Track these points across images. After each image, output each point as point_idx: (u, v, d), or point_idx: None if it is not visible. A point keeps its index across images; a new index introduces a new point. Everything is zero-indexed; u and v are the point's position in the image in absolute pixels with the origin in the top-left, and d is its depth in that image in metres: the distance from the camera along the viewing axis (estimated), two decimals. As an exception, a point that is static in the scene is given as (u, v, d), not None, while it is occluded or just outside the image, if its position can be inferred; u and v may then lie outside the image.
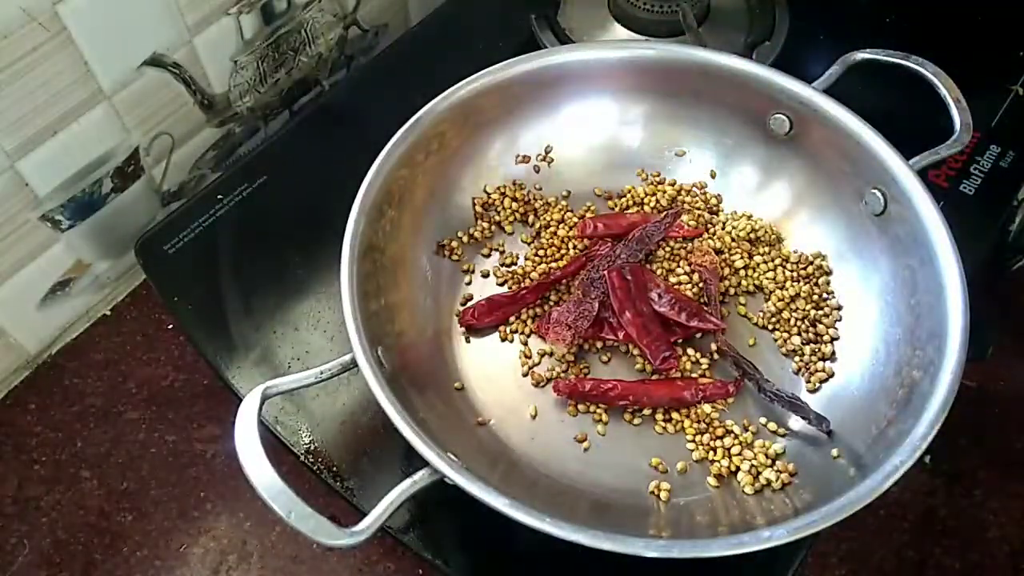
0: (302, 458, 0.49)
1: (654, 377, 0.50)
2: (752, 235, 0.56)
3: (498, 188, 0.57)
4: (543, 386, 0.51)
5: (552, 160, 0.58)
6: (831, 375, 0.50)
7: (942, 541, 0.49)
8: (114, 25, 0.51)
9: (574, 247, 0.56)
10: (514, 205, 0.57)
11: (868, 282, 0.51)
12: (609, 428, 0.49)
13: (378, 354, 0.43)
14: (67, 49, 0.49)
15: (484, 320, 0.52)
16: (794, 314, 0.52)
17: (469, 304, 0.53)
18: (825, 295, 0.53)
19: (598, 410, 0.49)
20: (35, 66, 0.48)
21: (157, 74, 0.56)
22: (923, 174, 0.48)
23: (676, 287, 0.53)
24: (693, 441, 0.48)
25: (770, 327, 0.53)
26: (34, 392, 0.57)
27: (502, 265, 0.56)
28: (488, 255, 0.56)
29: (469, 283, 0.55)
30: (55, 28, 0.48)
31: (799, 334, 0.52)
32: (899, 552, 0.49)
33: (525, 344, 0.52)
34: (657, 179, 0.59)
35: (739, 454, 0.47)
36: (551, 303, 0.53)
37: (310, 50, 0.67)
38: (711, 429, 0.48)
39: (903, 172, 0.48)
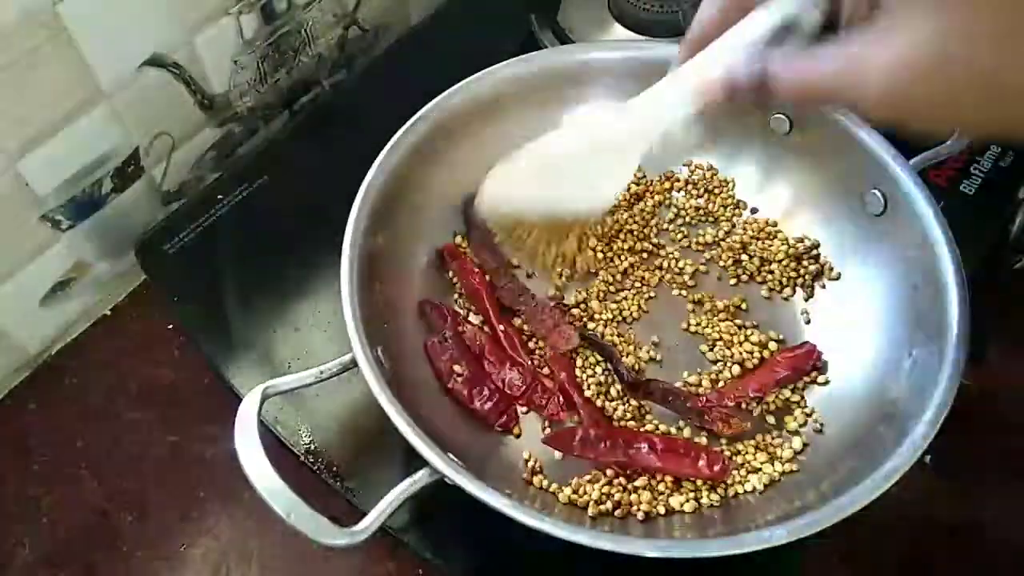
0: (302, 458, 0.49)
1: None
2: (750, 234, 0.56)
3: None
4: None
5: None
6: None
7: (942, 541, 0.49)
8: (114, 25, 0.51)
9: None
10: None
11: (868, 282, 0.51)
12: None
13: (378, 354, 0.43)
14: (67, 49, 0.49)
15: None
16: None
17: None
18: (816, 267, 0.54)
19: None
20: (35, 66, 0.48)
21: (157, 74, 0.56)
22: (923, 174, 0.48)
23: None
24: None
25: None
26: (34, 392, 0.57)
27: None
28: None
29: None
30: (55, 28, 0.48)
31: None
32: (899, 552, 0.49)
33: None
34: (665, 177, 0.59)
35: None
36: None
37: (310, 50, 0.67)
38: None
39: (903, 172, 0.48)
